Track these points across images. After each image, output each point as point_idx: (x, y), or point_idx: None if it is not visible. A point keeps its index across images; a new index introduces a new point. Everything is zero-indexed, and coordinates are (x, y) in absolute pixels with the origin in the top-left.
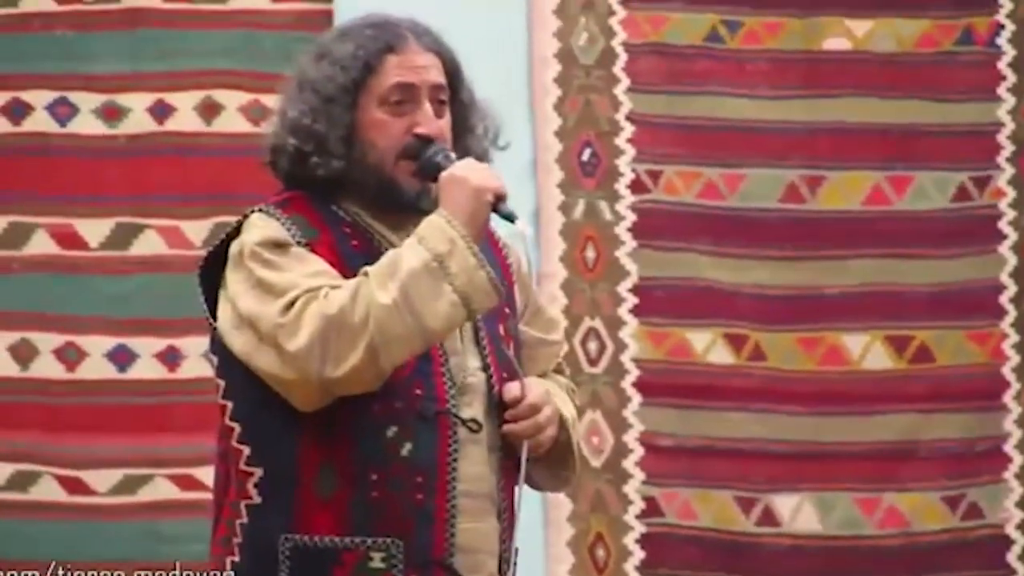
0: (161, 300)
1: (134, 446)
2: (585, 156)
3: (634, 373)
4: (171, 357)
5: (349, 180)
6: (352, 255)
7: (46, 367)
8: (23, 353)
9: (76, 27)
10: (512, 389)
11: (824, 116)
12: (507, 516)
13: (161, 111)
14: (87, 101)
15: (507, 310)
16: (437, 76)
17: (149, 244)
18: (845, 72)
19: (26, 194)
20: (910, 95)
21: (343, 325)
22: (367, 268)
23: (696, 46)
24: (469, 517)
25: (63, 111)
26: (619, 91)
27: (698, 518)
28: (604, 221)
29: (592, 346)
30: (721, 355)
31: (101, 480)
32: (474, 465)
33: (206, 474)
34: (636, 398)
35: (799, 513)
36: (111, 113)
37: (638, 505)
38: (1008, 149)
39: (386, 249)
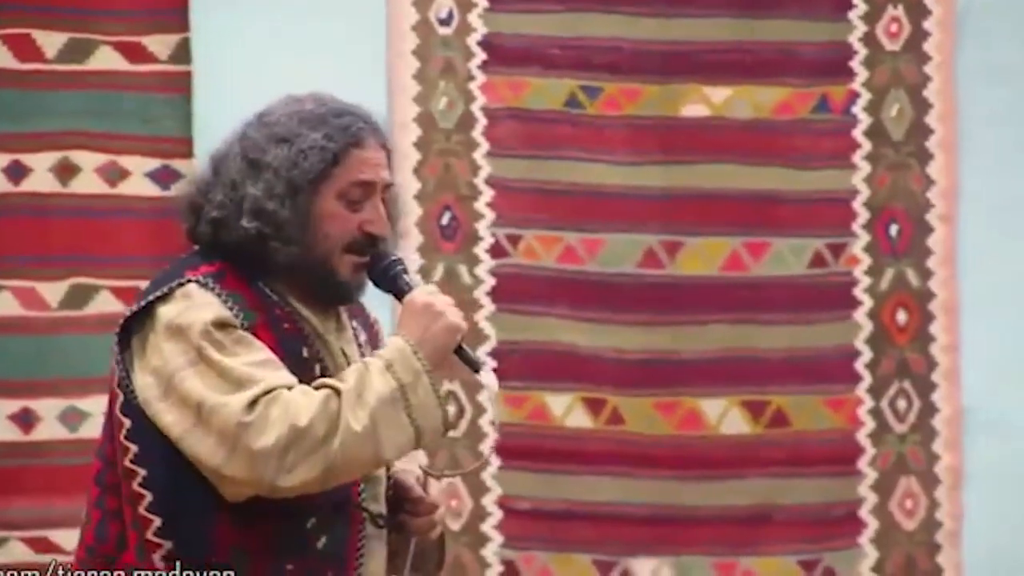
0: (17, 361)
1: None
2: (444, 220)
3: (492, 436)
4: (25, 419)
5: (288, 264)
6: (287, 339)
7: None
8: None
9: None
10: (415, 484)
11: (682, 182)
12: None
13: (17, 172)
14: None
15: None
16: (388, 174)
17: (3, 305)
18: (703, 138)
19: None
20: (768, 162)
21: (309, 439)
22: (330, 382)
23: (555, 111)
24: None
25: None
26: (478, 155)
27: None
28: (463, 285)
29: (451, 409)
30: (580, 419)
31: None
32: (376, 560)
33: (61, 537)
34: (495, 462)
35: None
36: None
37: (496, 568)
38: (863, 216)
39: (311, 334)
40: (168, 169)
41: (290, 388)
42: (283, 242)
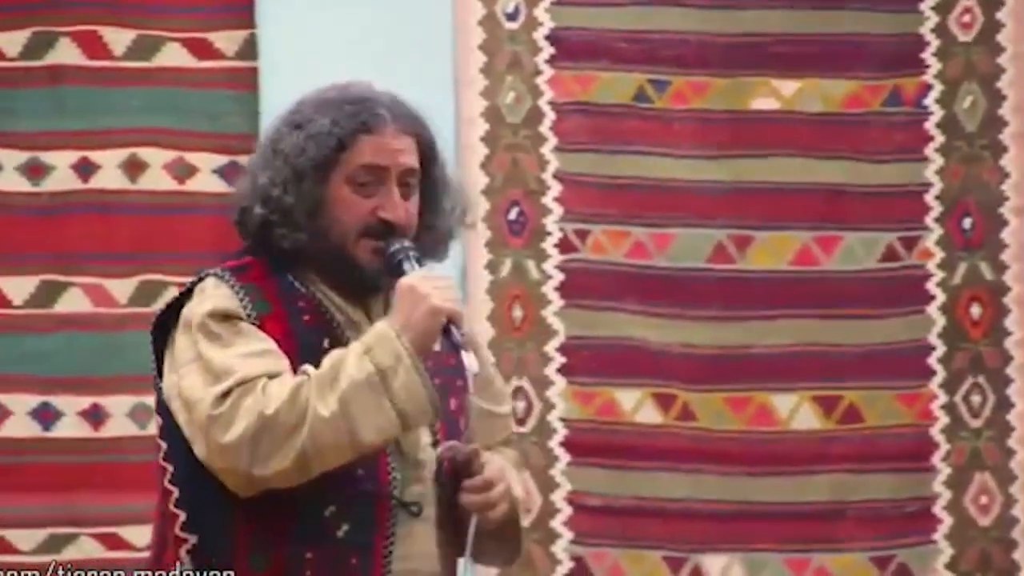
0: (86, 358)
1: (57, 505)
2: (512, 215)
3: (562, 432)
4: (95, 415)
5: (310, 252)
6: (304, 331)
7: None
8: None
9: (0, 84)
10: (460, 449)
11: (751, 176)
12: None
13: (85, 168)
14: (10, 158)
15: (459, 382)
16: (409, 160)
17: (73, 302)
18: (772, 132)
19: None
20: (838, 155)
21: (277, 427)
22: (308, 369)
23: (623, 105)
24: None
25: None
26: (546, 150)
27: None
28: (531, 280)
29: (520, 405)
30: (649, 414)
31: (25, 539)
32: (419, 544)
33: (131, 533)
34: (564, 458)
35: (728, 573)
36: (34, 170)
37: (566, 565)
38: (936, 209)
39: (340, 323)
40: (235, 165)
41: (272, 377)
42: (290, 228)
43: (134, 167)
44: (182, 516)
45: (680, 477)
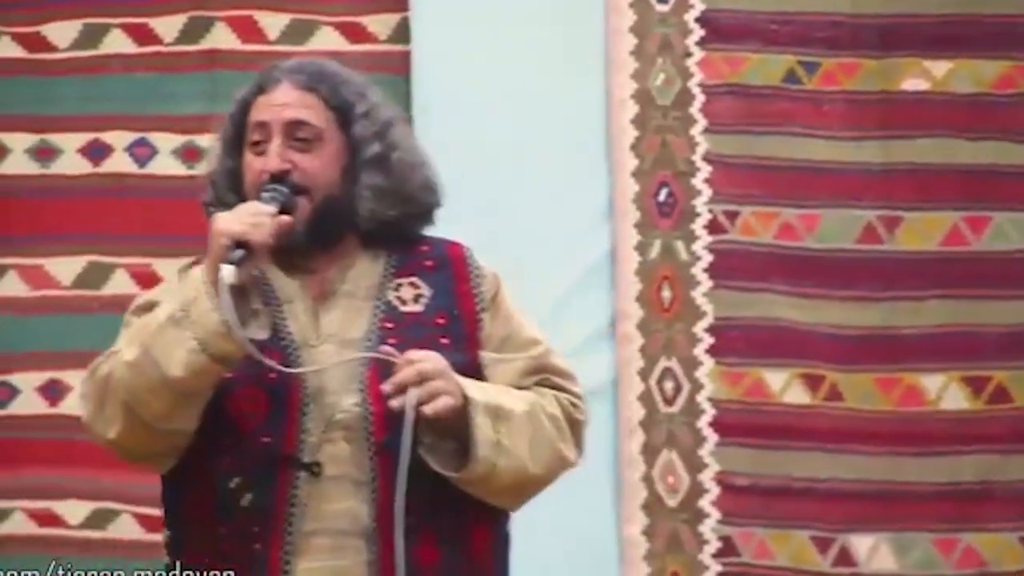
0: None
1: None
2: (662, 196)
3: (710, 413)
4: None
5: None
6: None
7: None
8: None
9: (155, 69)
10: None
11: (901, 157)
12: (383, 545)
13: None
14: (167, 142)
15: (443, 340)
16: (294, 113)
17: None
18: (922, 113)
19: (103, 235)
20: (989, 136)
21: (107, 389)
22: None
23: (773, 87)
24: (321, 556)
25: (142, 152)
26: (696, 132)
27: (774, 558)
28: (680, 261)
29: (668, 386)
30: (798, 395)
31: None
32: (335, 502)
33: None
34: (712, 438)
35: (876, 553)
36: (190, 154)
37: (714, 544)
38: None
39: (280, 300)
40: None
41: None
42: (217, 207)
43: None
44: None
45: (828, 457)
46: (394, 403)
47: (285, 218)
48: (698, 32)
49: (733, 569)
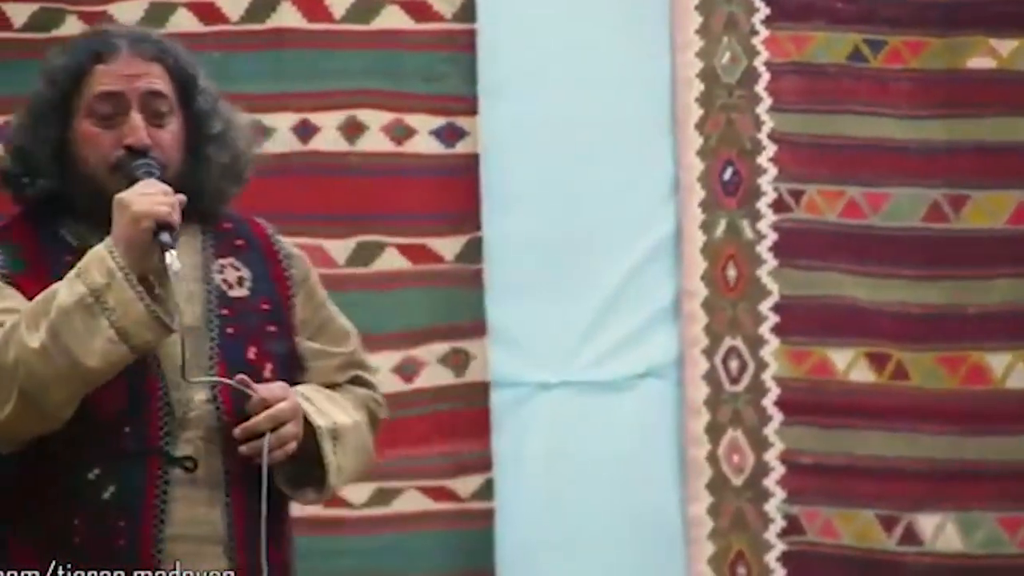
0: None
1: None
2: (727, 175)
3: (775, 391)
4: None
5: (66, 198)
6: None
7: None
8: None
9: (222, 47)
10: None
11: (967, 135)
12: (240, 556)
13: (305, 131)
14: None
15: (271, 328)
16: (150, 84)
17: None
18: (989, 91)
19: None
20: None
21: (3, 372)
22: (22, 306)
23: (838, 65)
24: (183, 563)
25: None
26: (761, 110)
27: (840, 536)
28: (745, 240)
29: (733, 364)
30: (863, 373)
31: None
32: (192, 507)
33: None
34: (777, 416)
35: (942, 532)
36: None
37: (779, 523)
38: None
39: None
40: (453, 127)
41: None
42: (32, 175)
43: (353, 129)
44: None
45: (893, 436)
46: (244, 449)
47: (182, 197)
48: (764, 10)
49: (798, 548)
